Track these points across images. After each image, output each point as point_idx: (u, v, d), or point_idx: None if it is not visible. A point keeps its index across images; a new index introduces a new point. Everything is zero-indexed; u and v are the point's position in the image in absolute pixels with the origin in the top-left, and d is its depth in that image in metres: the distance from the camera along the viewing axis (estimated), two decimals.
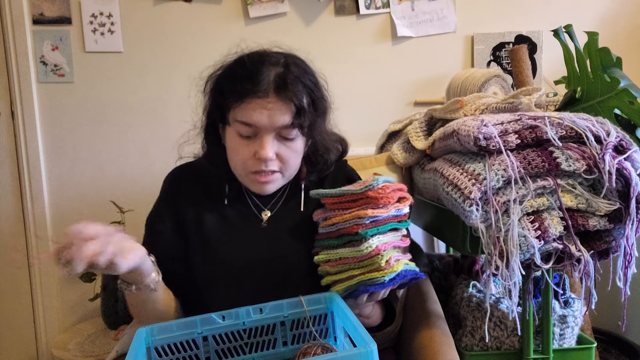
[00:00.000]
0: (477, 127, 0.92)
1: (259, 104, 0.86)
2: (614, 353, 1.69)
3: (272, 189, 0.95)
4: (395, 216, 0.87)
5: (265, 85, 0.86)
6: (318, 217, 0.93)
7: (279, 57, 0.91)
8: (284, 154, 0.91)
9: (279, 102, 0.86)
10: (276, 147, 0.90)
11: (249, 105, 0.86)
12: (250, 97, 0.86)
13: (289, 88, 0.87)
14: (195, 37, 1.90)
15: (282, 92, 0.86)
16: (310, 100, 0.91)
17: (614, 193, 0.88)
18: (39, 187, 1.89)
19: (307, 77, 0.91)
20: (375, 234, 0.84)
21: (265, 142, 0.87)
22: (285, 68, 0.89)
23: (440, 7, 1.95)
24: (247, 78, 0.87)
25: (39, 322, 1.96)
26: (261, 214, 0.98)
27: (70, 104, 1.90)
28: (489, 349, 1.14)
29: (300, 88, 0.88)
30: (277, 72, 0.88)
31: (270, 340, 0.85)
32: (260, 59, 0.90)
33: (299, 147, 0.93)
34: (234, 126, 0.90)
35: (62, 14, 1.86)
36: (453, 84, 1.47)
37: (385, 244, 0.84)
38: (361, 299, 0.85)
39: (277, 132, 0.89)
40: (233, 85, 0.89)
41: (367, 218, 0.82)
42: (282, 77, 0.87)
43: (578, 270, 0.89)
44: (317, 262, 0.90)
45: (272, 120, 0.86)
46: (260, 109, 0.86)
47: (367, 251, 0.82)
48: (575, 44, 1.21)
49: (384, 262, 0.81)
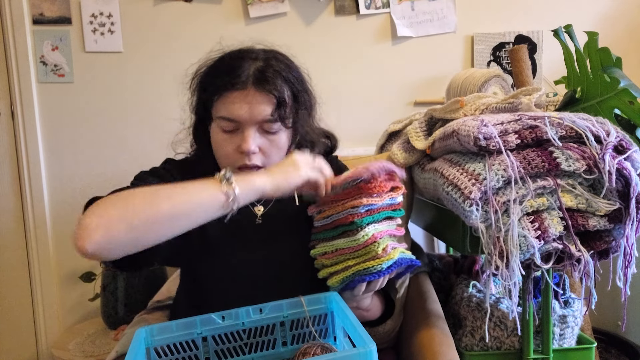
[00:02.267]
0: (477, 127, 0.92)
1: (238, 97, 0.87)
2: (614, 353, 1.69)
3: None
4: (389, 205, 0.87)
5: (245, 77, 0.87)
6: (312, 211, 0.93)
7: (259, 53, 0.94)
8: (267, 149, 0.92)
9: (258, 94, 0.88)
10: (259, 140, 0.90)
11: (228, 99, 0.88)
12: (230, 91, 0.88)
13: (269, 81, 0.88)
14: (195, 37, 1.90)
15: (261, 85, 0.88)
16: (292, 94, 0.92)
17: (614, 193, 0.88)
18: (39, 187, 1.89)
19: (288, 71, 0.92)
20: (370, 223, 0.84)
21: (247, 136, 0.88)
22: (264, 62, 0.91)
23: (440, 7, 1.95)
24: (226, 72, 0.89)
25: (39, 322, 1.96)
26: (254, 209, 0.98)
27: (70, 104, 1.90)
28: (489, 349, 1.14)
29: (280, 81, 0.90)
30: (256, 67, 0.89)
31: (269, 340, 0.85)
32: (240, 54, 0.92)
33: (282, 141, 0.94)
34: (217, 121, 0.91)
35: (62, 14, 1.86)
36: (453, 84, 1.47)
37: (381, 232, 0.83)
38: (358, 289, 0.85)
39: (260, 125, 0.90)
40: (214, 80, 0.91)
41: (362, 207, 0.82)
42: (261, 70, 0.89)
43: (578, 270, 0.89)
44: (313, 255, 0.90)
45: (252, 113, 0.88)
46: (240, 102, 0.87)
47: (364, 240, 0.81)
48: (575, 44, 1.21)
49: (381, 250, 0.81)
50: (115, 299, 1.72)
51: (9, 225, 1.92)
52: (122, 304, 1.72)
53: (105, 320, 1.76)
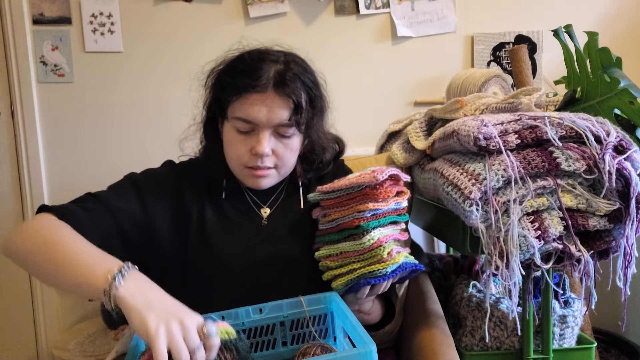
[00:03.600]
0: (477, 127, 0.92)
1: (258, 99, 0.87)
2: (614, 353, 1.68)
3: (267, 184, 0.96)
4: (394, 209, 0.88)
5: (265, 80, 0.87)
6: (317, 214, 0.93)
7: (279, 55, 0.93)
8: (280, 151, 0.92)
9: (277, 98, 0.87)
10: (273, 143, 0.91)
11: (247, 100, 0.88)
12: (249, 92, 0.87)
13: (288, 85, 0.88)
14: (195, 37, 1.90)
15: (280, 89, 0.87)
16: (308, 98, 0.92)
17: (614, 193, 0.88)
18: (39, 187, 1.89)
19: (306, 76, 0.92)
20: (376, 227, 0.84)
21: (262, 138, 0.88)
22: (285, 65, 0.90)
23: (440, 7, 1.95)
24: (247, 73, 0.88)
25: (39, 322, 1.96)
26: (260, 211, 0.98)
27: (70, 104, 1.90)
28: (489, 349, 1.14)
29: (298, 85, 0.89)
30: (276, 69, 0.89)
31: (269, 340, 0.85)
32: (261, 56, 0.92)
33: (296, 145, 0.94)
34: (232, 121, 0.90)
35: (62, 14, 1.86)
36: (453, 84, 1.47)
37: (387, 236, 0.84)
38: (362, 293, 0.85)
39: (274, 128, 0.90)
40: (233, 80, 0.90)
41: (368, 211, 0.83)
42: (281, 74, 0.88)
43: (578, 270, 0.89)
44: (317, 257, 0.90)
45: (270, 117, 0.87)
46: (259, 104, 0.87)
47: (369, 244, 0.82)
48: (575, 44, 1.21)
49: (386, 254, 0.81)
50: None
51: (9, 225, 1.92)
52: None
53: (105, 320, 1.76)
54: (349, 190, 0.86)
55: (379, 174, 0.82)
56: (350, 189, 0.85)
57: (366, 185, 0.83)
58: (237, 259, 0.92)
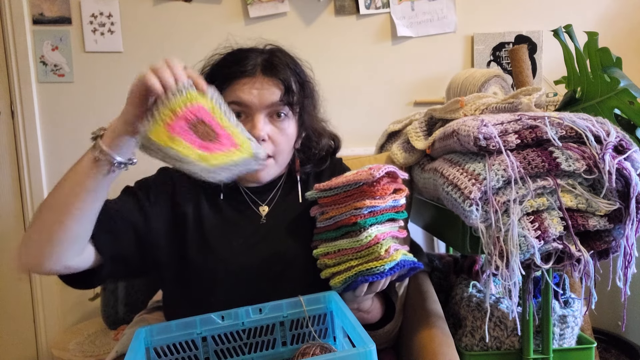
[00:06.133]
0: (477, 127, 0.92)
1: (247, 83, 0.91)
2: (614, 353, 1.69)
3: (267, 177, 0.97)
4: (392, 207, 0.88)
5: (252, 66, 0.92)
6: (315, 212, 0.93)
7: (265, 47, 0.99)
8: (276, 137, 0.94)
9: (266, 81, 0.91)
10: (268, 128, 0.93)
11: (237, 86, 0.91)
12: (239, 78, 0.91)
13: (276, 67, 0.92)
14: (195, 37, 1.90)
15: (269, 72, 0.92)
16: (297, 82, 0.96)
17: (614, 193, 0.88)
18: (39, 187, 1.89)
19: (293, 62, 0.97)
20: (373, 224, 0.84)
21: (256, 121, 0.90)
22: (270, 54, 0.96)
23: (440, 7, 1.95)
24: (235, 62, 0.93)
25: (39, 322, 1.96)
26: (259, 210, 0.98)
27: (70, 104, 1.90)
28: (489, 349, 1.14)
29: (286, 69, 0.94)
30: (263, 57, 0.94)
31: (269, 340, 0.85)
32: (248, 48, 0.97)
33: (291, 130, 0.96)
34: None
35: (62, 14, 1.86)
36: (453, 84, 1.47)
37: (384, 234, 0.84)
38: (360, 290, 0.85)
39: (268, 111, 0.92)
40: (222, 70, 0.94)
41: (365, 208, 0.83)
42: (268, 60, 0.93)
43: (578, 270, 0.89)
44: (315, 255, 0.90)
45: (261, 98, 0.90)
46: (249, 88, 0.90)
47: (367, 240, 0.82)
48: (575, 44, 1.21)
49: (384, 251, 0.81)
50: (115, 299, 1.72)
51: (9, 225, 1.92)
52: (122, 303, 1.72)
53: (105, 320, 1.76)
54: (346, 187, 0.86)
55: (376, 171, 0.82)
56: (347, 187, 0.85)
57: (363, 183, 0.83)
58: (236, 259, 0.92)
